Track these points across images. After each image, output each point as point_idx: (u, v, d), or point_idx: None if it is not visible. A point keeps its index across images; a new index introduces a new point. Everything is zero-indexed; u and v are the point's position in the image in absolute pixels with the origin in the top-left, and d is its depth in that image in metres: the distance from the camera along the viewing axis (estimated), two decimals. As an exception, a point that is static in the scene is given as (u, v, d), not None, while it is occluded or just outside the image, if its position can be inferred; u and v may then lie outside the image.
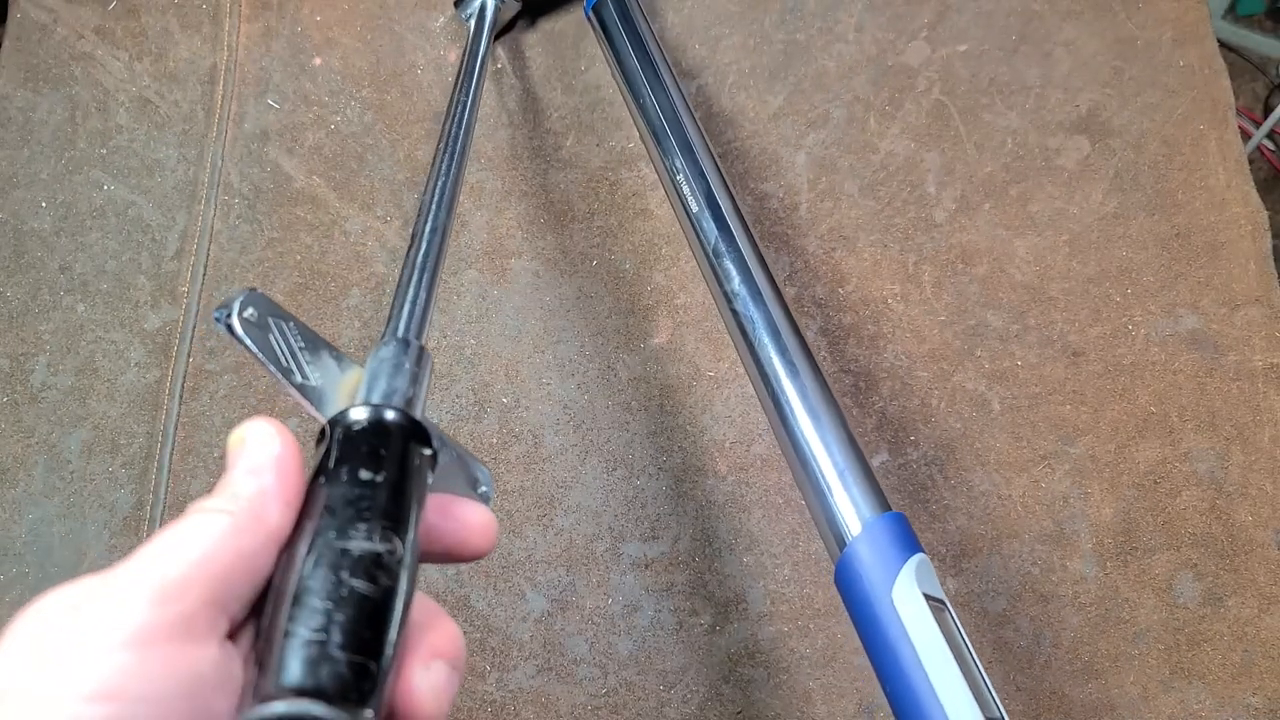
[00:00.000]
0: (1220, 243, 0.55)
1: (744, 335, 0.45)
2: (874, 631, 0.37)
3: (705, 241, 0.47)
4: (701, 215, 0.47)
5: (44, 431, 0.59)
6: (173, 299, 0.61)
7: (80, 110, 0.65)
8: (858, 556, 0.38)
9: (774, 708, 0.52)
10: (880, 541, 0.38)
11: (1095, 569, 0.52)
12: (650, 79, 0.52)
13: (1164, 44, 0.58)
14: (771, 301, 0.45)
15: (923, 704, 0.35)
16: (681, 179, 0.48)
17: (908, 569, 0.37)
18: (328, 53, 0.65)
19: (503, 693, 0.54)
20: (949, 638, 0.35)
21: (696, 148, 0.49)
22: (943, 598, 0.37)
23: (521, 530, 0.56)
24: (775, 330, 0.44)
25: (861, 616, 0.38)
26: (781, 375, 0.43)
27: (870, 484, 0.40)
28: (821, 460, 0.41)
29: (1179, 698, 0.50)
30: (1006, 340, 0.55)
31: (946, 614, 0.37)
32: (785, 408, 0.42)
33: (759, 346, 0.44)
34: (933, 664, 0.35)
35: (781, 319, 0.44)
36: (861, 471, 0.41)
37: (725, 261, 0.46)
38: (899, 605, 0.36)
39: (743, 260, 0.46)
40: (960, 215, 0.57)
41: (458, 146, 0.46)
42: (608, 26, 0.55)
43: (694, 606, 0.54)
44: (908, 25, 0.61)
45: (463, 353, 0.59)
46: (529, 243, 0.61)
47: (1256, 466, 0.52)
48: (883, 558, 0.38)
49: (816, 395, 0.42)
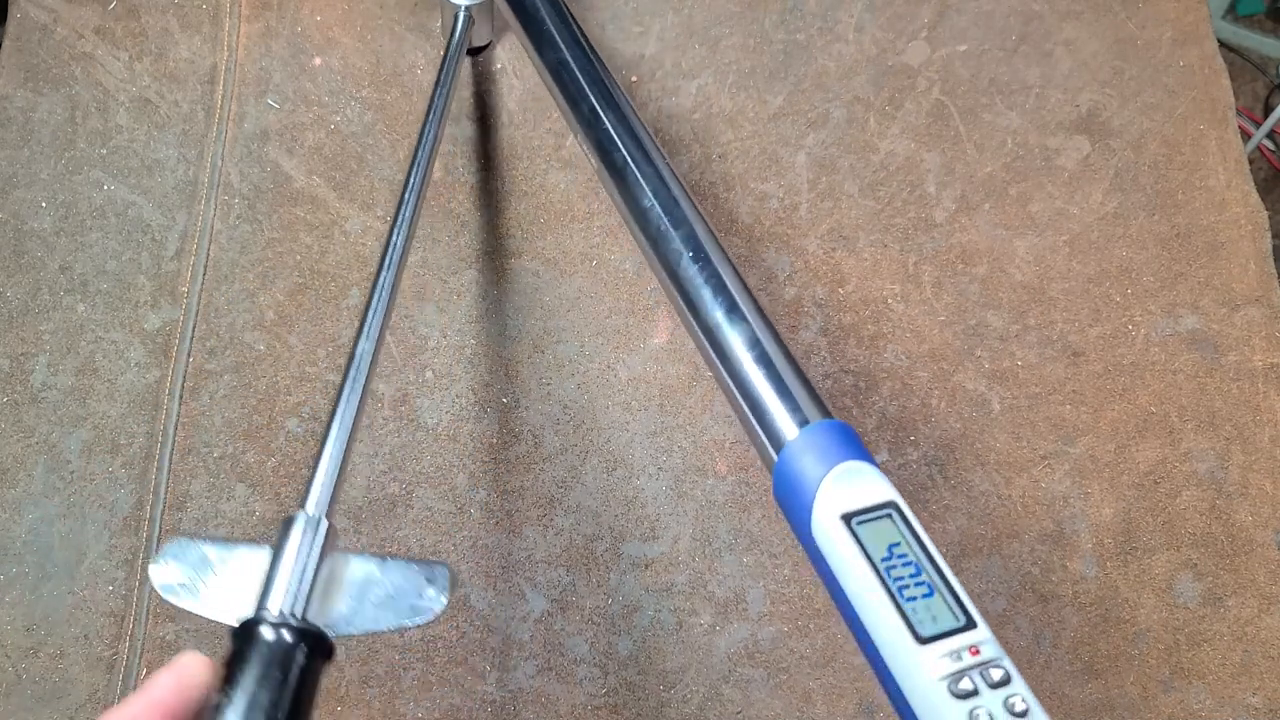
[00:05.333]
0: (1220, 243, 0.55)
1: (663, 265, 0.41)
2: (809, 555, 0.34)
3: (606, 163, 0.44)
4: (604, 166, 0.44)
5: (44, 431, 0.59)
6: (173, 299, 0.61)
7: (80, 110, 0.65)
8: (783, 478, 0.35)
9: (774, 708, 0.52)
10: (803, 458, 0.34)
11: (1095, 569, 0.52)
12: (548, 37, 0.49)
13: (1164, 44, 0.58)
14: (688, 220, 0.42)
15: (858, 632, 0.33)
16: (583, 139, 0.46)
17: (828, 481, 0.33)
18: (328, 53, 0.65)
19: (503, 693, 0.54)
20: (879, 555, 0.32)
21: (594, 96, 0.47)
22: (886, 501, 0.33)
23: (521, 530, 0.56)
24: (692, 243, 0.41)
25: (798, 539, 0.34)
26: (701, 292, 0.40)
27: (809, 393, 0.37)
28: (751, 372, 0.37)
29: (1179, 698, 0.50)
30: (1006, 340, 0.55)
31: (891, 521, 0.33)
32: (703, 313, 0.39)
33: (675, 268, 0.41)
34: (854, 588, 0.32)
35: (700, 231, 0.41)
36: (797, 379, 0.37)
37: (628, 184, 0.43)
38: (817, 532, 0.33)
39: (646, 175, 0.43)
40: (960, 215, 0.57)
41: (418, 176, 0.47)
42: None
43: (694, 606, 0.54)
44: (908, 25, 0.61)
45: (463, 353, 0.59)
46: (529, 243, 0.61)
47: (1256, 466, 0.52)
48: (804, 477, 0.34)
49: (735, 293, 0.39)
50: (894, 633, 0.31)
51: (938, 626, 0.31)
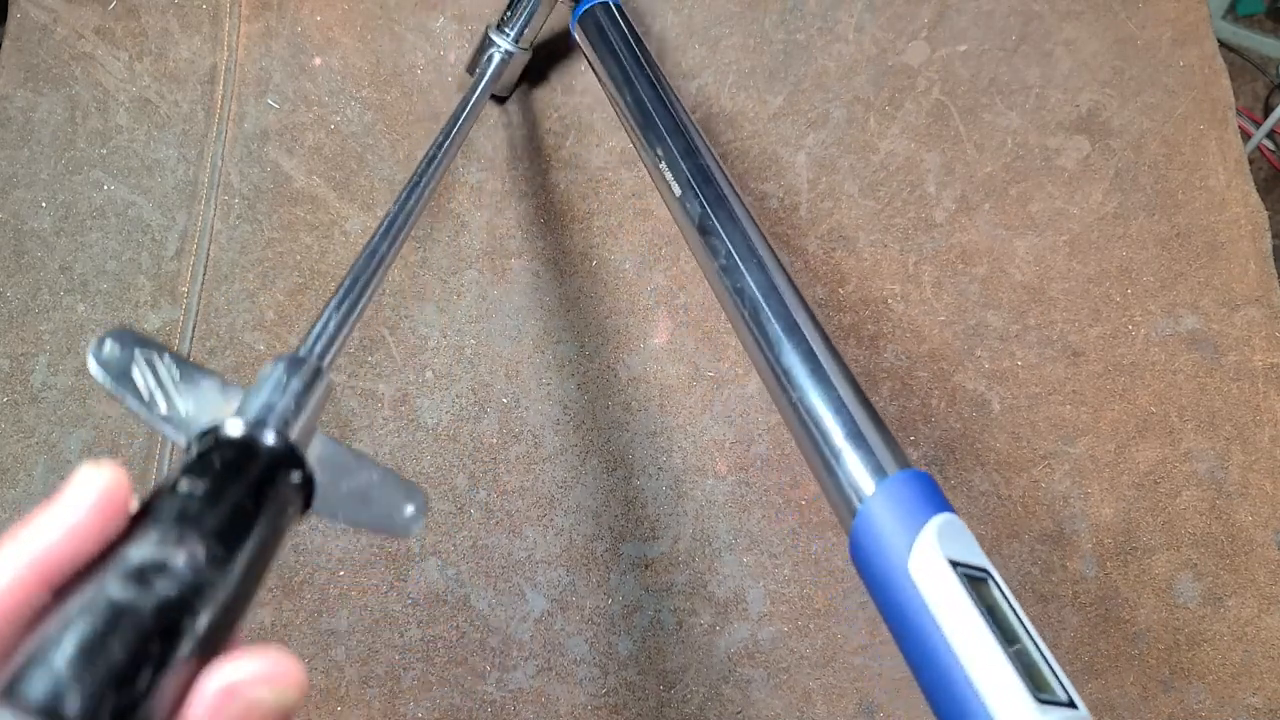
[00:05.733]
0: (1220, 243, 0.55)
1: (738, 307, 0.41)
2: (892, 609, 0.31)
3: (691, 220, 0.44)
4: (685, 198, 0.45)
5: (44, 431, 0.59)
6: (173, 299, 0.61)
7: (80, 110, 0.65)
8: (870, 522, 0.33)
9: (774, 708, 0.52)
10: (896, 504, 0.33)
11: (1095, 569, 0.52)
12: (638, 74, 0.50)
13: (1164, 44, 0.58)
14: (766, 266, 0.42)
15: (954, 690, 0.29)
16: (664, 166, 0.46)
17: (928, 531, 0.32)
18: (328, 53, 0.65)
19: (503, 693, 0.54)
20: (987, 609, 0.30)
21: (687, 131, 0.47)
22: (984, 566, 0.32)
23: (521, 530, 0.56)
24: (770, 292, 0.40)
25: (880, 594, 0.32)
26: (780, 337, 0.39)
27: (886, 442, 0.36)
28: (828, 422, 0.37)
29: (1179, 698, 0.50)
30: (1006, 340, 0.55)
31: (989, 585, 0.31)
32: (782, 368, 0.39)
33: (752, 314, 0.40)
34: (961, 640, 0.29)
35: (779, 279, 0.41)
36: (874, 428, 0.36)
37: (712, 239, 0.43)
38: (916, 575, 0.31)
39: (732, 233, 0.43)
40: (960, 215, 0.57)
41: (424, 182, 0.46)
42: (594, 37, 0.53)
43: (694, 606, 0.54)
44: (908, 25, 0.61)
45: (463, 353, 0.59)
46: (529, 243, 0.61)
47: (1256, 466, 0.52)
48: (899, 522, 0.32)
49: (819, 353, 0.39)
50: (1011, 691, 0.28)
51: (1051, 696, 0.28)
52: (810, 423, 0.37)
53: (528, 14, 0.58)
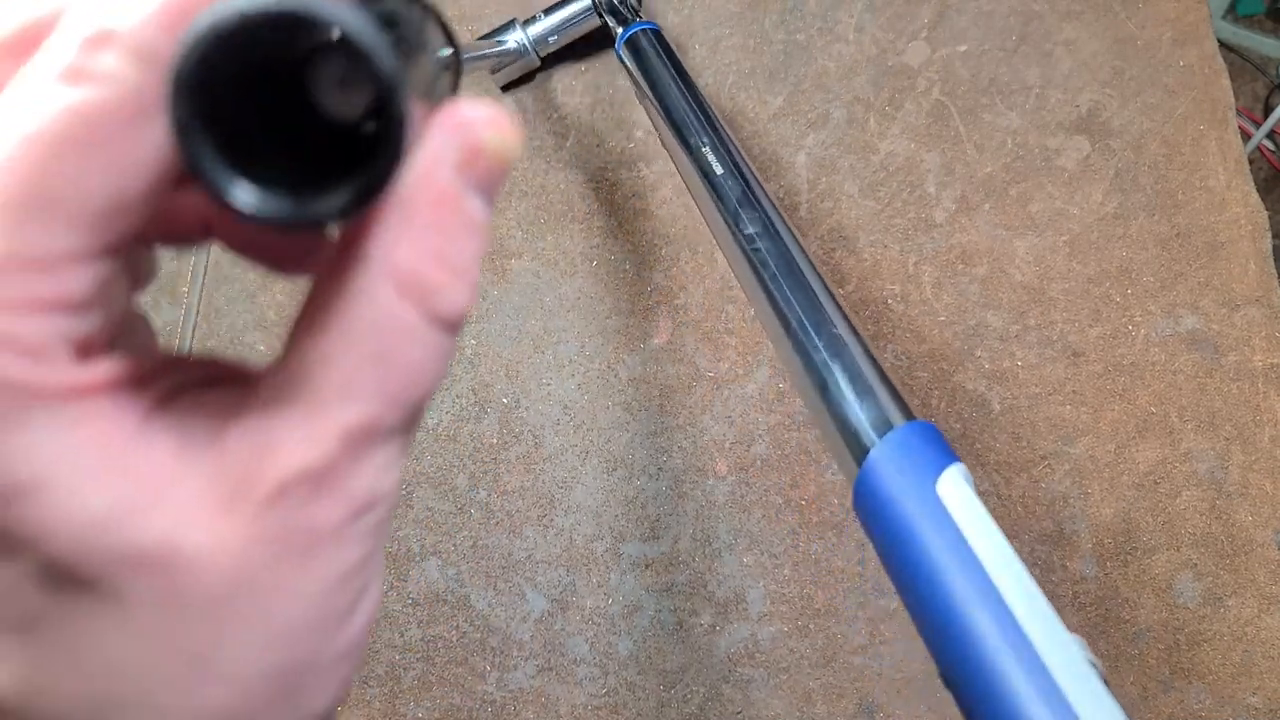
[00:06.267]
0: (1220, 243, 0.55)
1: (758, 276, 0.44)
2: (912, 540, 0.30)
3: (731, 194, 0.47)
4: (725, 175, 0.48)
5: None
6: (173, 299, 0.61)
7: (80, 110, 0.65)
8: (884, 463, 0.34)
9: (774, 708, 0.52)
10: (913, 447, 0.34)
11: (1095, 569, 0.52)
12: (680, 83, 0.54)
13: (1164, 44, 0.58)
14: (797, 240, 0.44)
15: (989, 613, 0.28)
16: (708, 149, 0.49)
17: (953, 469, 0.32)
18: (328, 53, 0.65)
19: (503, 693, 0.54)
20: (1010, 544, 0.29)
21: (721, 125, 0.51)
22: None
23: (521, 530, 0.56)
24: (793, 264, 0.43)
25: (897, 525, 0.32)
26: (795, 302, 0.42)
27: (895, 395, 0.38)
28: (839, 375, 0.39)
29: (1179, 698, 0.50)
30: (1006, 340, 0.55)
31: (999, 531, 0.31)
32: (794, 326, 0.41)
33: (774, 281, 0.43)
34: (996, 564, 0.29)
35: (800, 256, 0.44)
36: (883, 382, 0.38)
37: (749, 210, 0.46)
38: (945, 497, 0.31)
39: (766, 208, 0.46)
40: (960, 215, 0.57)
41: None
42: (639, 56, 0.56)
43: (694, 606, 0.54)
44: (908, 25, 0.61)
45: (463, 353, 0.59)
46: (529, 243, 0.61)
47: (1256, 466, 0.52)
48: (919, 461, 0.33)
49: (831, 315, 0.41)
50: (1041, 616, 0.28)
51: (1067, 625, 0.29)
52: (831, 366, 0.39)
53: (558, 27, 0.61)
